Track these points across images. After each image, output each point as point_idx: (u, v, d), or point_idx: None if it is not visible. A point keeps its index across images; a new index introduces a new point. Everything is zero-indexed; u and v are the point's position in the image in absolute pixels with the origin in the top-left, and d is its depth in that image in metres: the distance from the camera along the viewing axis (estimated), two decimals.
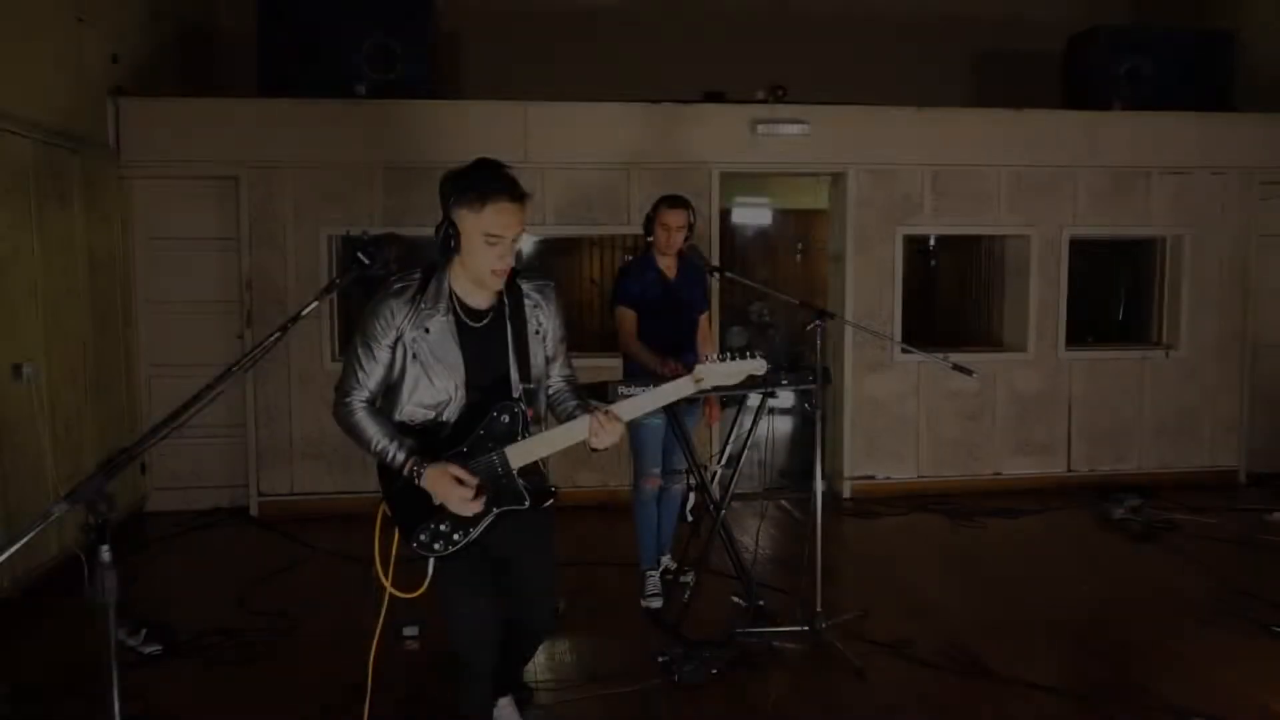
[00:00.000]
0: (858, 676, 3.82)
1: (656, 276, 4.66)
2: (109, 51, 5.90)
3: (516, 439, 2.56)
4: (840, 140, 6.50)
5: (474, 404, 2.57)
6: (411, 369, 2.54)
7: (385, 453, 2.52)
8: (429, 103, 6.25)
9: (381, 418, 2.57)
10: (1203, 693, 3.68)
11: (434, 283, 2.57)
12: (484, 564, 2.66)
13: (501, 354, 2.60)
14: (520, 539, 2.72)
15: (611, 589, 4.86)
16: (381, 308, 2.52)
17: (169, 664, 3.98)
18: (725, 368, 2.65)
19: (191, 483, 6.38)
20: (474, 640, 2.66)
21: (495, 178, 2.46)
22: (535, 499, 2.63)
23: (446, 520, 2.54)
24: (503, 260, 2.48)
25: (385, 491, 2.60)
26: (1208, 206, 6.89)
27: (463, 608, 2.65)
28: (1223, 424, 7.01)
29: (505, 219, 2.44)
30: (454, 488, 2.46)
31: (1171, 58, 7.06)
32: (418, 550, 2.57)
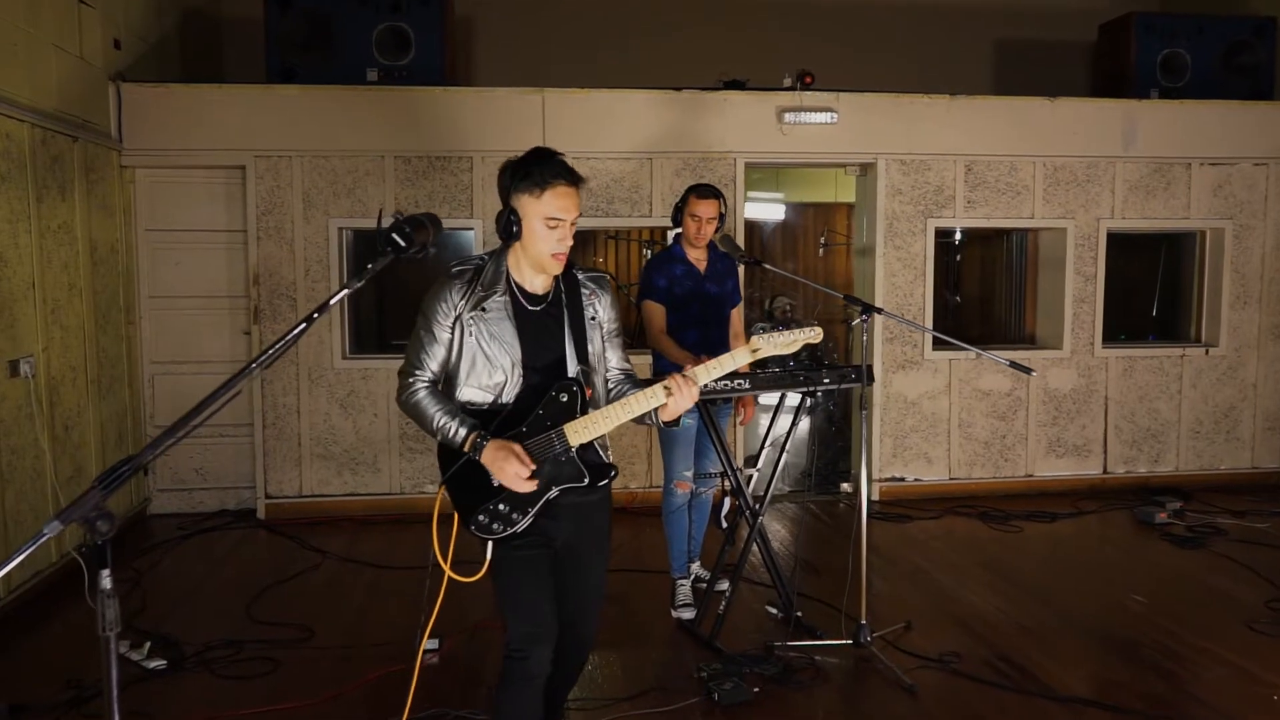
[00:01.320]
0: (909, 694, 3.59)
1: (686, 270, 4.42)
2: (111, 36, 5.67)
3: (575, 417, 2.51)
4: (870, 129, 6.27)
5: (532, 385, 2.53)
6: (468, 349, 2.52)
7: (447, 429, 2.48)
8: (443, 90, 6.02)
9: (444, 397, 2.55)
10: (1264, 707, 3.44)
11: (492, 266, 2.57)
12: (543, 553, 2.57)
13: (558, 336, 2.58)
14: (578, 532, 2.63)
15: (640, 599, 4.63)
16: (441, 290, 2.54)
17: (175, 679, 3.76)
18: (782, 337, 2.58)
19: (196, 484, 6.16)
20: (530, 633, 2.51)
21: (553, 164, 2.49)
22: (595, 476, 2.55)
23: (505, 500, 2.49)
24: (563, 243, 2.49)
25: (444, 473, 2.53)
26: (1249, 198, 6.64)
27: (521, 597, 2.53)
28: (1265, 423, 6.78)
29: (564, 202, 2.46)
30: (511, 462, 2.42)
31: (1209, 45, 6.83)
32: (476, 532, 2.50)
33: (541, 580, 2.54)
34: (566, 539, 2.60)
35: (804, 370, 4.13)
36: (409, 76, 6.07)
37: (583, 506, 2.59)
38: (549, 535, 2.57)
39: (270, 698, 3.57)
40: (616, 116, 6.10)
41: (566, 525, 2.59)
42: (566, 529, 2.59)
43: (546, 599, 2.53)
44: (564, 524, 2.58)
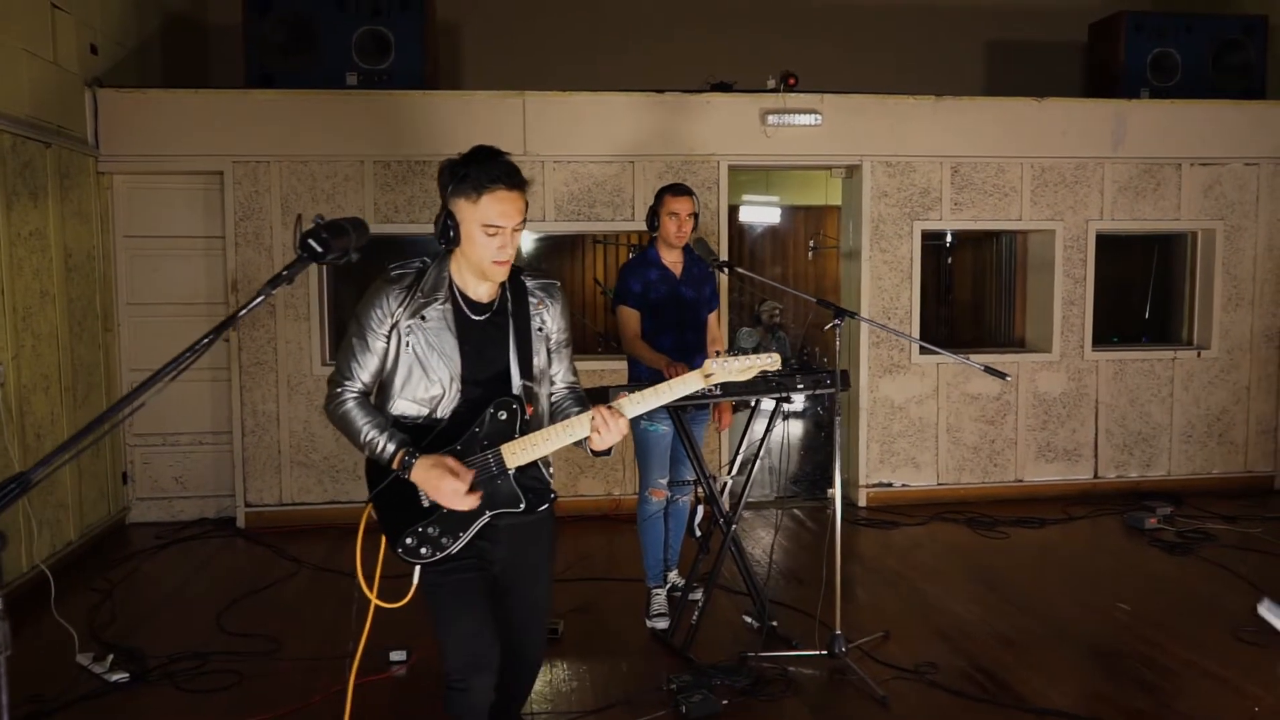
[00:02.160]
0: (881, 706, 3.52)
1: (661, 274, 4.36)
2: (88, 41, 5.63)
3: (513, 437, 2.38)
4: (855, 131, 6.20)
5: (470, 400, 2.39)
6: (405, 359, 2.38)
7: (374, 444, 2.34)
8: (423, 94, 5.97)
9: (374, 409, 2.40)
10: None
11: (433, 271, 2.42)
12: (478, 577, 2.43)
13: (501, 348, 2.44)
14: (517, 556, 2.50)
15: (614, 607, 4.57)
16: (378, 295, 2.39)
17: (136, 692, 3.70)
18: (737, 363, 2.43)
19: (176, 493, 6.10)
20: (469, 661, 2.39)
21: (493, 166, 2.31)
22: (532, 502, 2.42)
23: (435, 524, 2.35)
24: (504, 251, 2.33)
25: (372, 491, 2.40)
26: (1241, 199, 6.56)
27: (456, 624, 2.40)
28: (1258, 427, 6.69)
29: (503, 208, 2.29)
30: (446, 479, 2.27)
31: (1200, 44, 6.76)
32: (403, 556, 2.36)
33: (478, 606, 2.40)
34: (504, 563, 2.48)
35: (779, 375, 4.06)
36: (389, 80, 6.02)
37: (521, 529, 2.47)
38: (485, 558, 2.44)
39: (231, 711, 3.51)
40: (598, 119, 6.04)
41: (503, 549, 2.47)
42: (503, 553, 2.47)
43: (485, 625, 2.40)
44: (501, 547, 2.46)
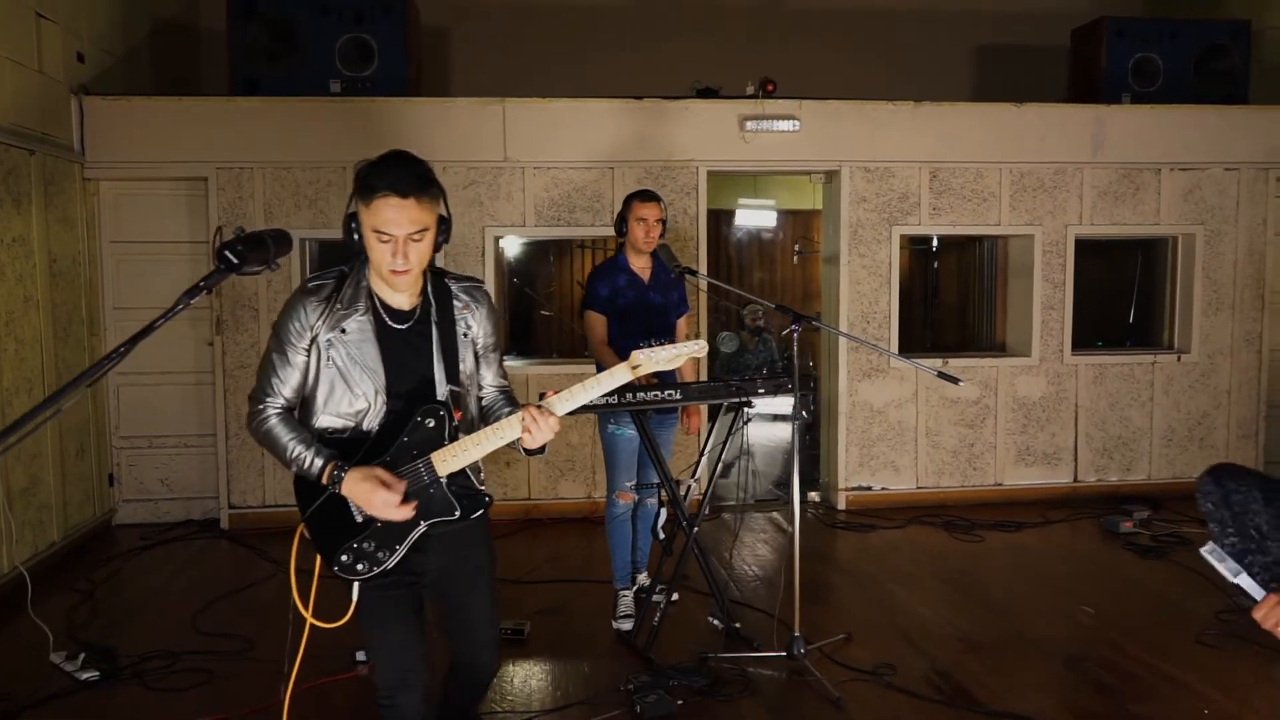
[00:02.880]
0: (835, 707, 3.56)
1: (629, 279, 4.41)
2: (74, 50, 5.72)
3: (443, 444, 2.34)
4: (833, 137, 6.25)
5: (396, 411, 2.35)
6: (326, 374, 2.33)
7: (301, 459, 2.28)
8: (405, 100, 6.04)
9: (298, 424, 2.35)
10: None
11: (351, 280, 2.37)
12: (408, 594, 2.42)
13: (426, 357, 2.39)
14: (453, 565, 2.48)
15: (584, 609, 4.62)
16: (295, 308, 2.32)
17: (106, 690, 3.77)
18: (664, 352, 2.42)
19: (162, 495, 6.18)
20: (397, 680, 2.41)
21: (388, 172, 2.24)
22: (467, 508, 2.38)
23: (370, 539, 2.31)
24: (399, 260, 2.25)
25: (303, 509, 2.34)
26: (1221, 204, 6.58)
27: (386, 641, 2.40)
28: (1238, 431, 6.70)
29: (390, 215, 2.21)
30: (378, 491, 2.22)
31: (1183, 50, 6.78)
32: (339, 574, 2.32)
33: (407, 623, 2.39)
34: (439, 574, 2.45)
35: (740, 381, 4.11)
36: (372, 87, 6.09)
37: (455, 537, 2.44)
38: (416, 572, 2.41)
39: (197, 709, 3.57)
40: (577, 125, 6.10)
41: (437, 559, 2.43)
42: (438, 562, 2.44)
43: (414, 642, 2.40)
44: (434, 557, 2.42)
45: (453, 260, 6.08)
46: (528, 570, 5.18)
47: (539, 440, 2.34)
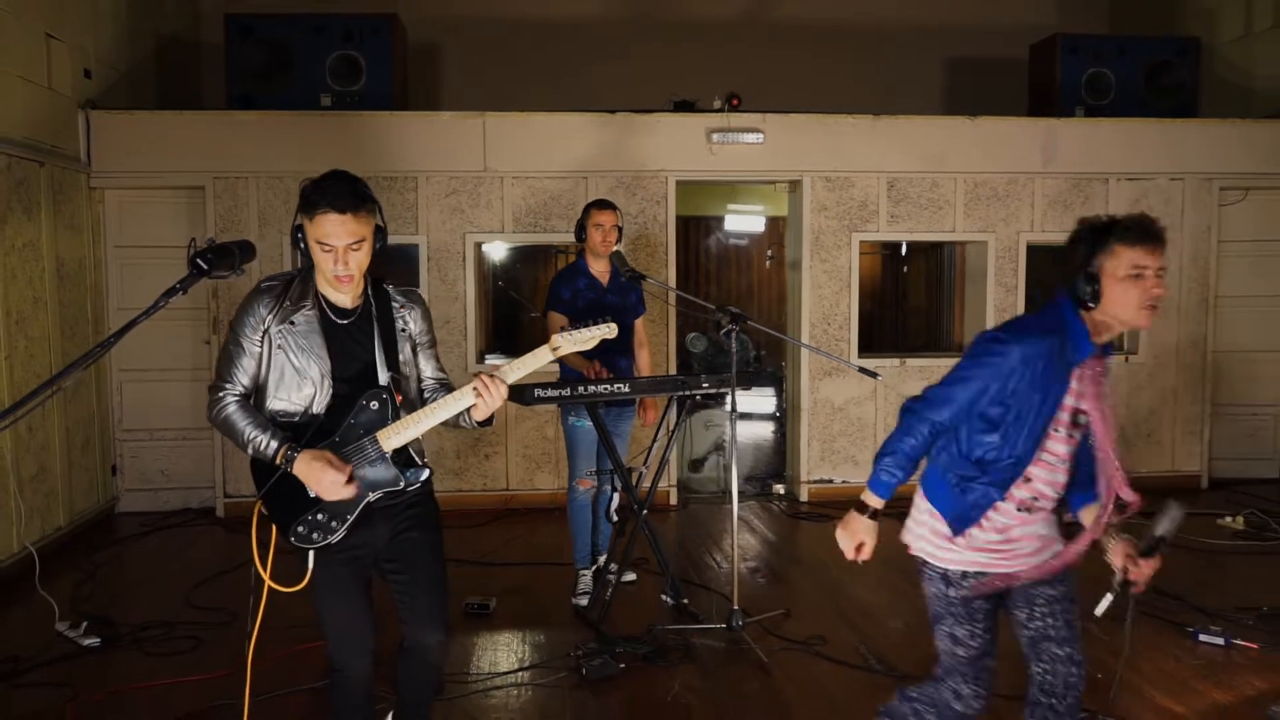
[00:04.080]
0: (763, 671, 3.92)
1: (589, 282, 4.78)
2: (82, 67, 6.12)
3: (387, 423, 2.63)
4: (796, 148, 6.61)
5: (342, 396, 2.65)
6: (277, 362, 2.61)
7: (258, 442, 2.55)
8: (391, 114, 6.42)
9: (254, 411, 2.62)
10: (1102, 691, 3.73)
11: (300, 281, 2.68)
12: (355, 568, 2.70)
13: (367, 347, 2.69)
14: (401, 538, 2.75)
15: (547, 588, 4.98)
16: (250, 304, 2.63)
17: (105, 654, 4.15)
18: (583, 334, 2.70)
19: (162, 484, 6.57)
20: (346, 645, 2.70)
21: (328, 191, 2.51)
22: (410, 479, 2.68)
23: (323, 510, 2.60)
24: (340, 267, 2.54)
25: (259, 488, 2.64)
26: (1166, 212, 6.92)
27: (334, 615, 2.70)
28: (1185, 428, 7.03)
29: (330, 229, 2.50)
30: (327, 471, 2.50)
31: (1134, 65, 7.12)
32: (296, 543, 2.60)
33: (353, 595, 2.67)
34: (387, 545, 2.71)
35: (684, 376, 4.47)
36: (360, 102, 6.48)
37: (401, 513, 2.69)
38: (362, 546, 2.65)
39: (186, 670, 3.95)
40: (553, 138, 6.47)
41: (383, 530, 2.68)
42: (384, 534, 2.68)
43: (359, 612, 2.68)
44: (381, 528, 2.67)
45: (436, 264, 6.46)
46: (500, 554, 5.56)
47: (491, 407, 2.62)
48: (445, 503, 6.86)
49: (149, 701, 3.69)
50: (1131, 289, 2.36)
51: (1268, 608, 4.53)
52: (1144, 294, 2.36)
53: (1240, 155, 6.90)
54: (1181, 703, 3.62)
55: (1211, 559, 5.47)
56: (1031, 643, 2.59)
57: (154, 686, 3.80)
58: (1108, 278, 2.38)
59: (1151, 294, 2.37)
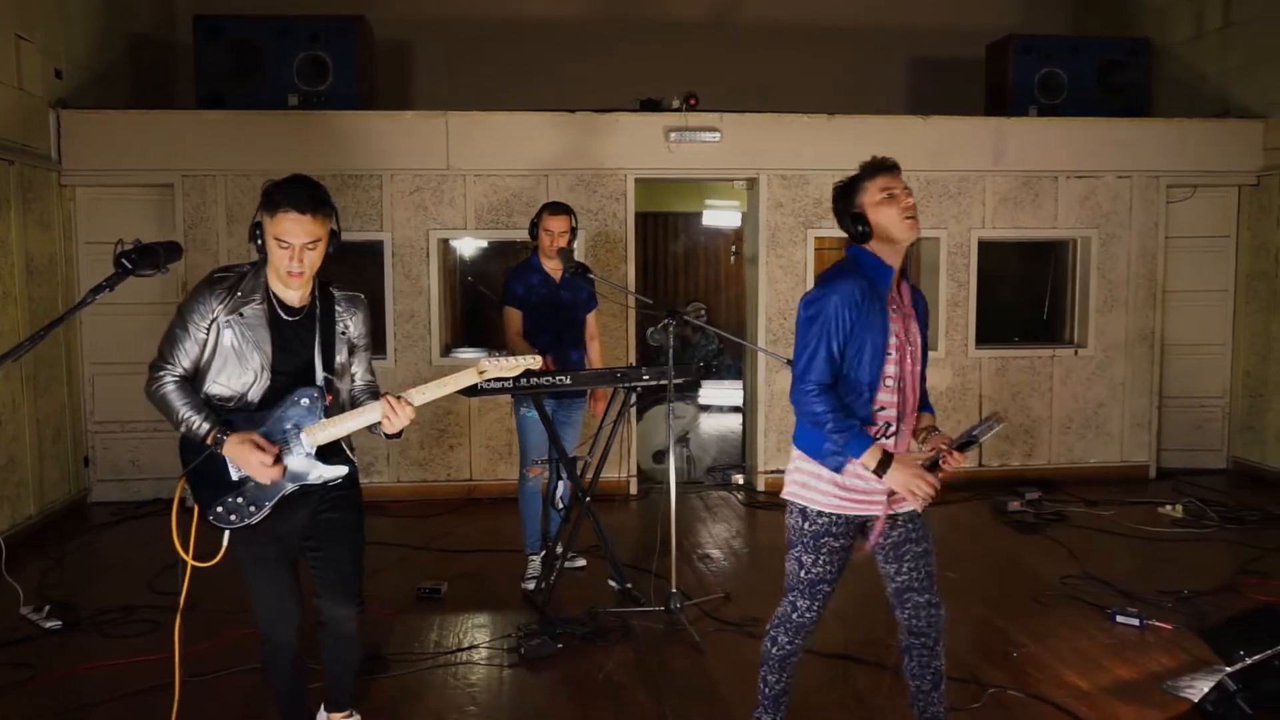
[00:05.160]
0: (696, 650, 4.10)
1: (542, 279, 4.95)
2: (53, 67, 6.26)
3: (315, 420, 2.80)
4: (752, 147, 6.77)
5: (278, 388, 2.81)
6: (221, 350, 2.75)
7: (190, 421, 2.69)
8: (356, 114, 6.57)
9: (191, 392, 2.76)
10: (1013, 668, 3.92)
11: (251, 276, 2.84)
12: (283, 549, 2.89)
13: (308, 344, 2.85)
14: (320, 519, 2.92)
15: (499, 573, 5.15)
16: (201, 293, 2.78)
17: (66, 636, 4.31)
18: (507, 362, 2.93)
19: (133, 475, 6.73)
20: (272, 615, 2.92)
21: (290, 193, 2.68)
22: (328, 474, 2.85)
23: (243, 495, 2.77)
24: (294, 264, 2.70)
25: (185, 466, 2.79)
26: (1115, 209, 7.10)
27: (260, 585, 2.89)
28: (1133, 420, 7.22)
29: (290, 227, 2.67)
30: (255, 453, 2.65)
31: (1086, 65, 7.28)
32: (214, 523, 2.79)
33: (278, 574, 2.88)
34: (308, 532, 2.88)
35: (626, 369, 4.64)
36: (327, 101, 6.63)
37: (323, 500, 2.87)
38: (284, 533, 2.84)
39: (143, 651, 4.11)
40: (515, 137, 6.63)
41: (304, 514, 2.86)
42: (304, 517, 2.87)
43: (283, 589, 2.89)
44: (301, 512, 2.85)
45: (400, 260, 6.62)
46: (459, 541, 5.73)
47: (396, 426, 2.82)
48: (410, 493, 7.08)
49: (104, 680, 3.85)
50: (889, 208, 2.72)
51: (1188, 591, 4.72)
52: (900, 209, 2.72)
53: (1188, 153, 7.08)
54: (1087, 678, 3.80)
55: (1147, 546, 5.66)
56: (897, 593, 2.96)
57: (109, 666, 3.96)
58: (869, 209, 2.75)
59: (905, 205, 2.72)
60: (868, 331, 2.69)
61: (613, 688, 3.79)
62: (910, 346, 2.78)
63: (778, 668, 3.02)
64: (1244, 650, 3.36)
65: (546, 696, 3.74)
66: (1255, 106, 7.13)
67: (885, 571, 2.95)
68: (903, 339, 2.76)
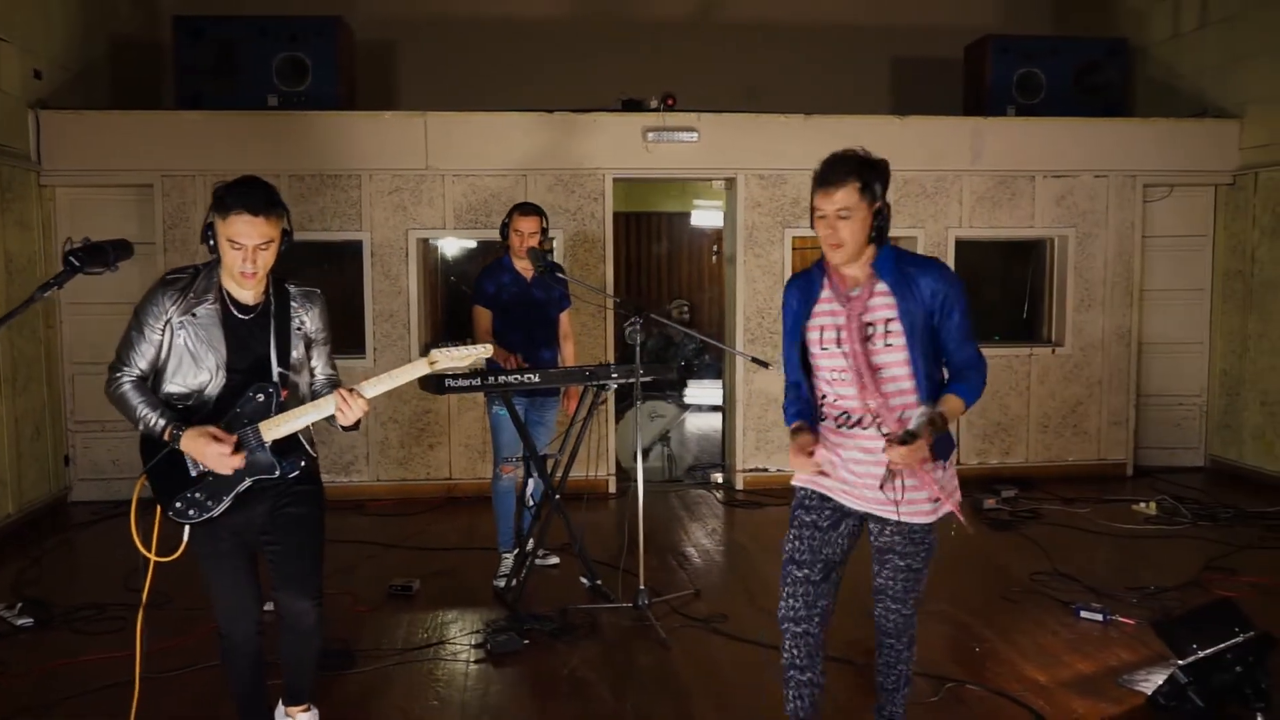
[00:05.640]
0: (662, 647, 4.13)
1: (513, 278, 4.98)
2: (31, 68, 6.28)
3: (270, 415, 2.84)
4: (730, 146, 6.80)
5: (234, 385, 2.84)
6: (176, 350, 2.80)
7: (148, 419, 2.75)
8: (335, 114, 6.60)
9: (148, 391, 2.81)
10: (975, 663, 3.96)
11: (204, 276, 2.88)
12: (241, 544, 2.93)
13: (263, 341, 2.88)
14: (278, 514, 2.94)
15: (472, 570, 5.19)
16: (154, 294, 2.82)
17: (37, 633, 4.34)
18: (457, 352, 2.92)
19: (114, 474, 6.75)
20: (230, 611, 2.96)
21: (242, 195, 2.71)
22: (286, 469, 2.90)
23: (201, 490, 2.82)
24: (247, 264, 2.74)
25: (145, 463, 2.85)
26: (1091, 208, 7.14)
27: (219, 586, 2.94)
28: (1110, 418, 7.26)
29: (241, 229, 2.70)
30: (212, 444, 2.69)
31: (1063, 65, 7.32)
32: (174, 518, 2.84)
33: (236, 569, 2.92)
34: (266, 524, 2.92)
35: (592, 367, 4.68)
36: (306, 102, 6.66)
37: (281, 495, 2.90)
38: (242, 528, 2.89)
39: (112, 647, 4.13)
40: (494, 137, 6.66)
41: (262, 509, 2.89)
42: (263, 513, 2.90)
43: (241, 584, 2.93)
44: (259, 508, 2.89)
45: (379, 259, 6.65)
46: (436, 539, 5.76)
47: (350, 418, 2.85)
48: (390, 492, 7.09)
49: (72, 677, 3.88)
50: (818, 228, 2.79)
51: (1155, 586, 4.76)
52: (822, 236, 2.77)
53: (1164, 153, 7.12)
54: (1046, 672, 3.84)
55: (1119, 543, 5.69)
56: (874, 591, 3.01)
57: (77, 663, 3.99)
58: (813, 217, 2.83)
59: (824, 233, 2.76)
60: (796, 329, 2.85)
61: (577, 683, 3.82)
62: (860, 339, 2.73)
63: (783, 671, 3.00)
64: (1197, 644, 3.39)
65: (510, 692, 3.78)
66: (1231, 107, 7.17)
67: (873, 568, 3.01)
68: (850, 332, 2.73)
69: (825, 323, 2.81)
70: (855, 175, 2.75)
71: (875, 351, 2.75)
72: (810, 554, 2.87)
